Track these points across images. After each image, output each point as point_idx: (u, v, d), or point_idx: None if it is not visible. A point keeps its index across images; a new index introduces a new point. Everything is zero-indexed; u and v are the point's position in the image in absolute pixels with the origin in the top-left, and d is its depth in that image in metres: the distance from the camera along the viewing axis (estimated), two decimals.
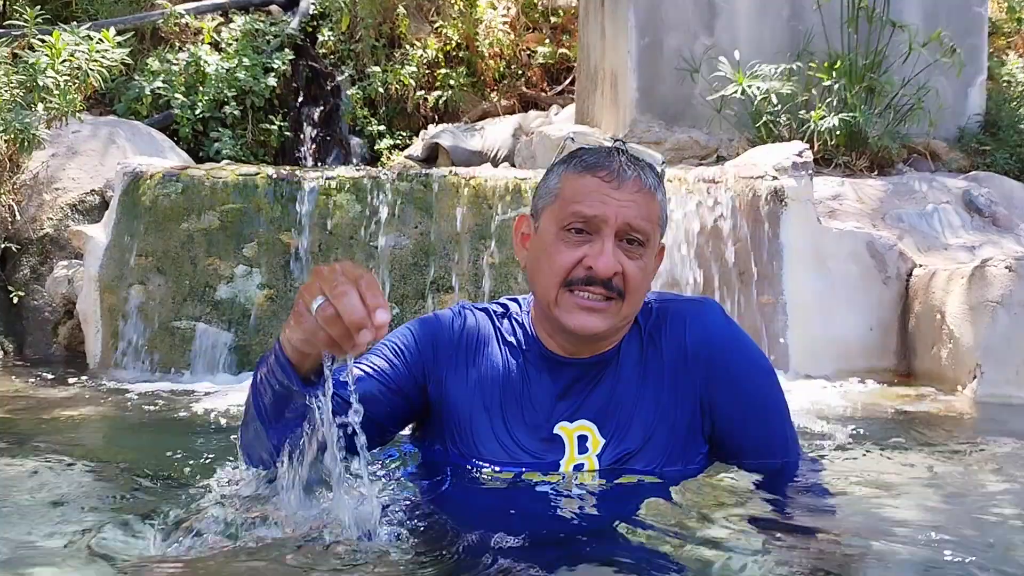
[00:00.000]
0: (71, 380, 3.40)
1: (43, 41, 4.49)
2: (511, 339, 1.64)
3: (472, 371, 1.62)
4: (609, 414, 1.58)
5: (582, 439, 1.57)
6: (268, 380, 1.37)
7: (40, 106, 4.33)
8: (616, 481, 1.56)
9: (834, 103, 4.47)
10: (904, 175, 4.47)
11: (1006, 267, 3.14)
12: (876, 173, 4.50)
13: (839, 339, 3.60)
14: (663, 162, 1.60)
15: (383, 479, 1.60)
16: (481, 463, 1.59)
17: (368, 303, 1.19)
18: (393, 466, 1.67)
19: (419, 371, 1.61)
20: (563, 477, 1.56)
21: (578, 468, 1.57)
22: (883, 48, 4.60)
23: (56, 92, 4.32)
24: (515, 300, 1.71)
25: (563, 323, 1.54)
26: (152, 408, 2.96)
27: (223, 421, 2.68)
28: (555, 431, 1.57)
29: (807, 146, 3.88)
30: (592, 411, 1.58)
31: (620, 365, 1.59)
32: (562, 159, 1.59)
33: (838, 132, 4.41)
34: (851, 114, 4.40)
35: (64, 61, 4.44)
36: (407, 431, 1.74)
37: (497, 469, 1.58)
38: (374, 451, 1.63)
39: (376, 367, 1.58)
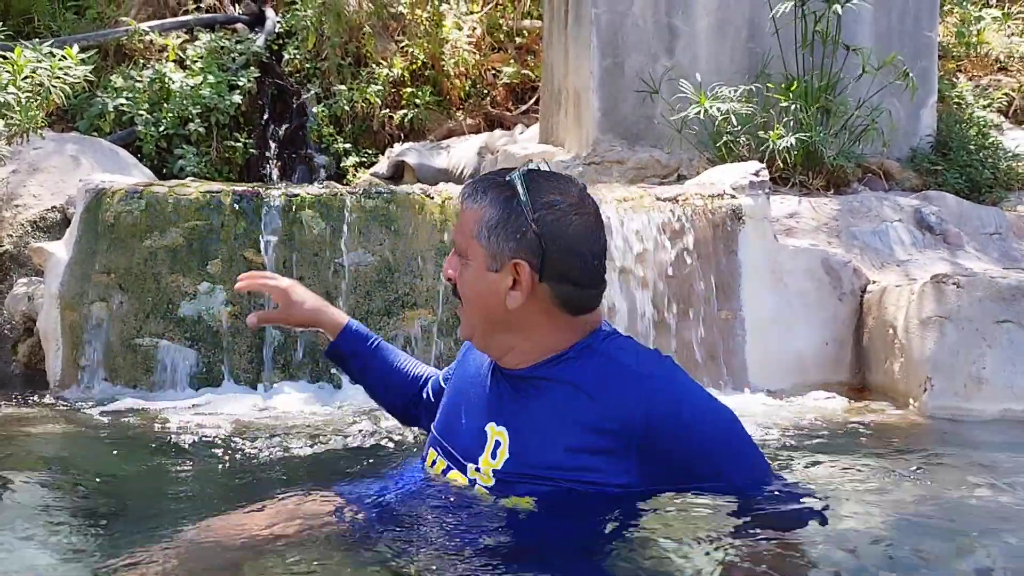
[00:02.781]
0: (31, 399, 3.36)
1: (4, 57, 4.46)
2: None
3: (456, 375, 1.84)
4: (521, 433, 1.61)
5: (497, 444, 1.63)
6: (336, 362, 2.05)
7: (0, 122, 4.30)
8: (512, 496, 1.60)
9: (791, 123, 4.58)
10: (859, 194, 4.58)
11: (955, 283, 3.24)
12: (832, 192, 4.60)
13: (796, 354, 3.68)
14: (523, 168, 1.63)
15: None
16: (431, 449, 1.79)
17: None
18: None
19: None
20: (470, 483, 1.65)
21: (480, 470, 1.64)
22: (838, 71, 4.72)
23: (17, 108, 4.29)
24: None
25: None
26: (114, 427, 2.95)
27: (185, 439, 2.68)
28: (485, 428, 1.66)
29: (764, 166, 3.98)
30: (511, 422, 1.63)
31: (551, 399, 1.60)
32: None
33: (795, 152, 4.51)
34: (807, 134, 4.50)
35: (26, 77, 4.41)
36: None
37: (433, 459, 1.76)
38: None
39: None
